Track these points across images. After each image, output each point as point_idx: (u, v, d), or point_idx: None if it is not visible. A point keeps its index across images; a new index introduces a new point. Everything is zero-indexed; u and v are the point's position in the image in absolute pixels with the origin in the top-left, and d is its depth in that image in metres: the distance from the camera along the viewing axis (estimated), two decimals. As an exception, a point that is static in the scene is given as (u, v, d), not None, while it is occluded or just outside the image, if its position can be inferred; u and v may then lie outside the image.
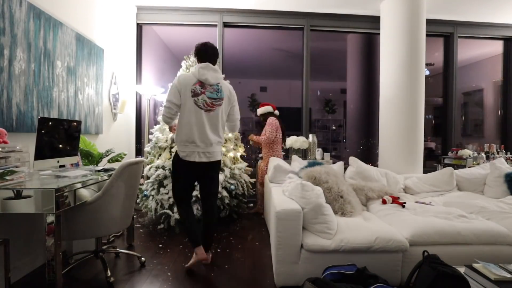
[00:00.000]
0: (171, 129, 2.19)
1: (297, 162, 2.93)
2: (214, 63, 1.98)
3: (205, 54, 1.97)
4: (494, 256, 1.79)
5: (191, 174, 1.99)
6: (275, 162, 2.88)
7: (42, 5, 2.14)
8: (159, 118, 3.07)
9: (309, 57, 4.04)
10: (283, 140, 3.34)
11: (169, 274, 1.94)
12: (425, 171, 3.46)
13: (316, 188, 1.90)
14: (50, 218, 1.48)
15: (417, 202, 2.46)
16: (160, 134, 2.96)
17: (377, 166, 3.57)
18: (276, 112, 3.37)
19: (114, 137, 3.30)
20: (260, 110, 3.38)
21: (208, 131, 1.91)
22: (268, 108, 3.35)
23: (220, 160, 2.06)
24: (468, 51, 5.02)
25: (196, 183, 2.23)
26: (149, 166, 2.92)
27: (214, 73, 1.93)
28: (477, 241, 1.83)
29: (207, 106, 1.90)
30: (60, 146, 1.89)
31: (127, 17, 3.62)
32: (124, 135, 3.57)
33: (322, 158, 3.64)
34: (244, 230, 2.85)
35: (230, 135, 3.09)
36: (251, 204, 3.66)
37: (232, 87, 2.10)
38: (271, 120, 3.23)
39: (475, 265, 1.38)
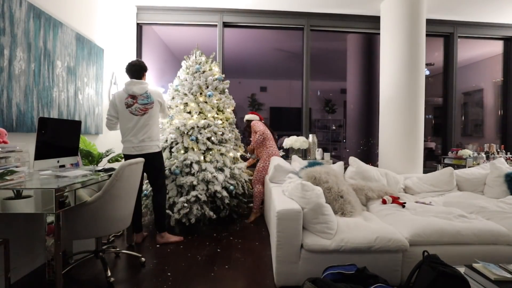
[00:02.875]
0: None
1: (297, 162, 2.92)
2: (139, 77, 2.43)
3: (129, 71, 2.42)
4: (494, 256, 1.79)
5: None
6: (275, 162, 2.87)
7: (42, 5, 2.14)
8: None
9: (309, 57, 4.04)
10: (274, 139, 3.34)
11: (169, 274, 1.95)
12: (425, 171, 3.46)
13: (316, 188, 1.90)
14: (50, 218, 1.48)
15: (417, 202, 2.46)
16: (160, 134, 2.96)
17: (377, 166, 3.57)
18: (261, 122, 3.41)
19: (114, 137, 3.29)
20: (248, 116, 3.41)
21: (140, 130, 2.37)
22: (255, 117, 3.38)
23: (154, 152, 2.43)
24: (468, 51, 5.02)
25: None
26: (149, 166, 2.92)
27: (139, 85, 2.39)
28: (477, 241, 1.83)
29: (141, 111, 2.37)
30: (60, 146, 1.89)
31: (127, 17, 3.62)
32: (124, 135, 3.57)
33: (322, 158, 3.64)
34: (244, 230, 2.85)
35: (230, 134, 3.08)
36: (251, 205, 3.66)
37: (158, 90, 2.55)
38: (254, 122, 3.28)
39: (475, 265, 1.38)
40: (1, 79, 1.78)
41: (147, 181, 2.85)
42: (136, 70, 2.43)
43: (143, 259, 2.09)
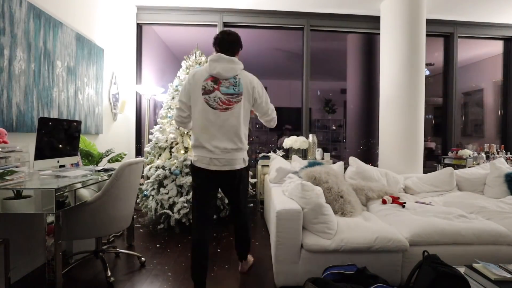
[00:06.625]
0: None
1: (297, 162, 2.92)
2: (232, 54, 1.66)
3: (220, 43, 1.66)
4: (494, 256, 1.79)
5: (206, 184, 1.65)
6: (277, 164, 2.86)
7: (42, 5, 2.14)
8: (159, 119, 3.07)
9: (309, 57, 4.04)
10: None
11: (169, 274, 1.94)
12: (425, 171, 3.45)
13: (316, 188, 1.90)
14: (50, 218, 1.48)
15: (417, 202, 2.46)
16: (160, 134, 2.96)
17: (377, 166, 3.57)
18: None
19: (114, 137, 3.30)
20: None
21: (222, 135, 1.59)
22: None
23: (240, 169, 1.67)
24: (468, 51, 5.02)
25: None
26: (149, 166, 2.92)
27: (228, 65, 1.60)
28: (477, 241, 1.82)
29: (223, 104, 1.57)
30: (60, 146, 1.89)
31: (127, 17, 3.62)
32: (124, 135, 3.57)
33: (322, 158, 3.64)
34: (244, 230, 2.85)
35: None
36: (251, 204, 3.66)
37: (254, 78, 1.72)
38: None
39: (475, 265, 1.38)
40: (1, 79, 1.78)
41: (147, 180, 2.85)
42: (230, 41, 1.67)
43: (143, 259, 2.08)
